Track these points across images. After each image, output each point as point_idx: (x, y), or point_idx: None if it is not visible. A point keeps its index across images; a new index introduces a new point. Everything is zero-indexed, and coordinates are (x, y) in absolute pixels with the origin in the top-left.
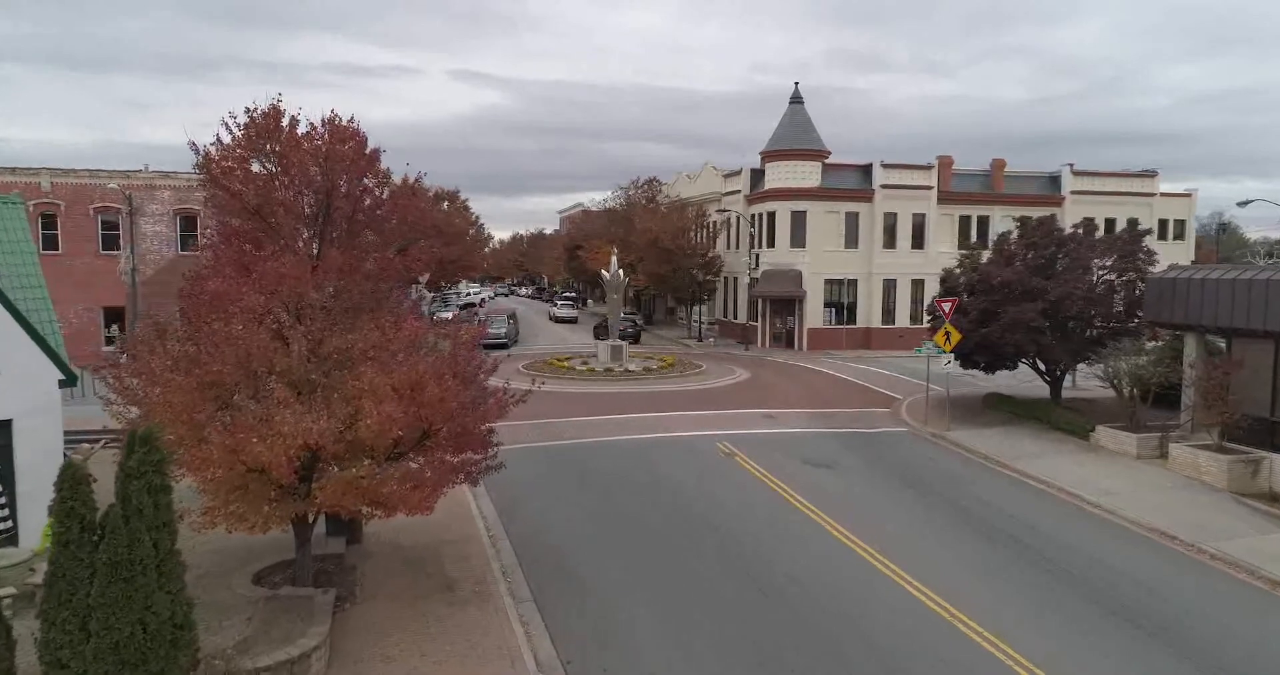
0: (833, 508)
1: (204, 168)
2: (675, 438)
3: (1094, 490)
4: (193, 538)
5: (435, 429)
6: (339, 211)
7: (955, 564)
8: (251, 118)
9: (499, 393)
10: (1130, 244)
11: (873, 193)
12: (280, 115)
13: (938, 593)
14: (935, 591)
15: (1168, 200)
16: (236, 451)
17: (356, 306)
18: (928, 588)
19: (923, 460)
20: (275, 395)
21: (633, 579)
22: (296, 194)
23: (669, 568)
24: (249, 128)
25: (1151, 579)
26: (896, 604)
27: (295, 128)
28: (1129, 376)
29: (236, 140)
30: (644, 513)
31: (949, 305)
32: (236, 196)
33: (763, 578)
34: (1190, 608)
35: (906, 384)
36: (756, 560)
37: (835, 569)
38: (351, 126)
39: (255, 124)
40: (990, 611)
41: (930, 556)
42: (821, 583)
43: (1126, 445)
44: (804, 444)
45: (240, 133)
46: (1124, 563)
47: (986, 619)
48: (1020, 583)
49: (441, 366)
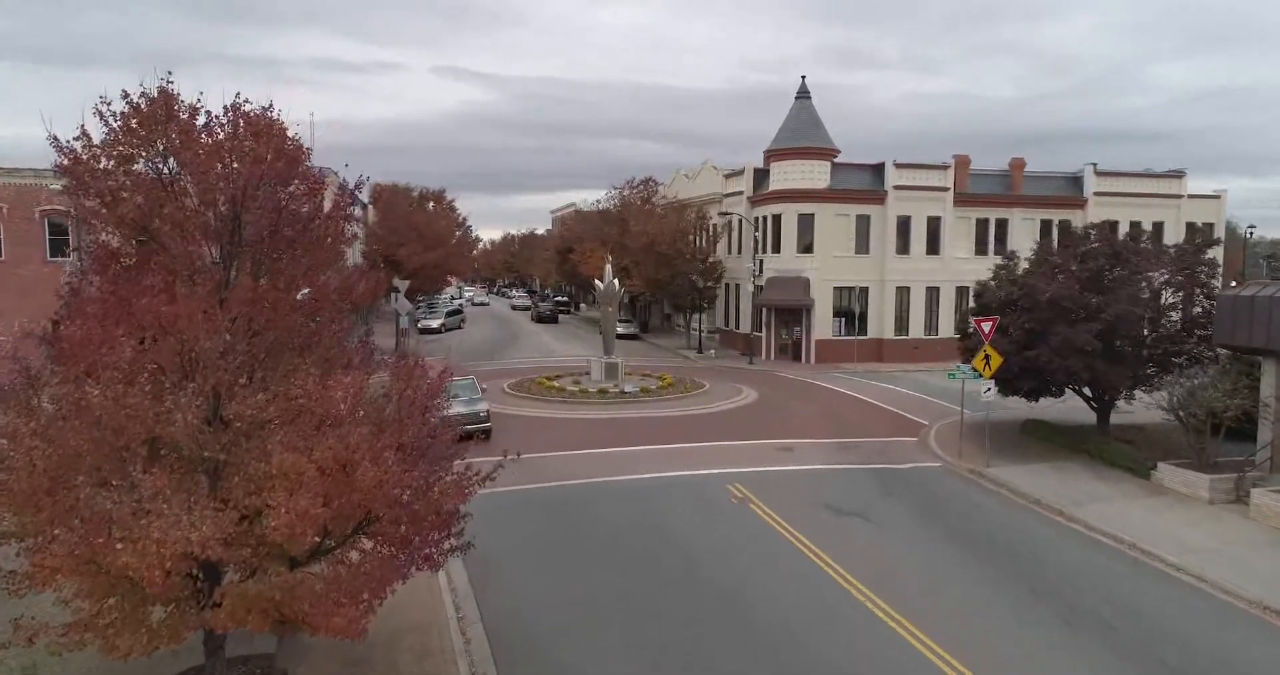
0: (873, 576)
1: (68, 171)
2: (680, 478)
3: (1174, 547)
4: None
5: (374, 515)
6: (253, 228)
7: (1039, 661)
8: (133, 105)
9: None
10: (1194, 255)
11: (885, 194)
12: (173, 101)
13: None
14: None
15: (1195, 202)
16: (93, 560)
17: (279, 346)
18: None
19: (965, 506)
20: (147, 484)
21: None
22: (198, 205)
23: (681, 667)
24: (130, 117)
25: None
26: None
27: (195, 117)
28: (1201, 408)
29: (114, 134)
30: (648, 586)
31: (989, 325)
32: (112, 208)
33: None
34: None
35: (931, 406)
36: (790, 650)
37: (887, 669)
38: (268, 117)
39: (139, 113)
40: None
41: (1003, 651)
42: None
43: (1197, 488)
44: (826, 484)
45: (119, 125)
46: (1243, 656)
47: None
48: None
49: (383, 438)
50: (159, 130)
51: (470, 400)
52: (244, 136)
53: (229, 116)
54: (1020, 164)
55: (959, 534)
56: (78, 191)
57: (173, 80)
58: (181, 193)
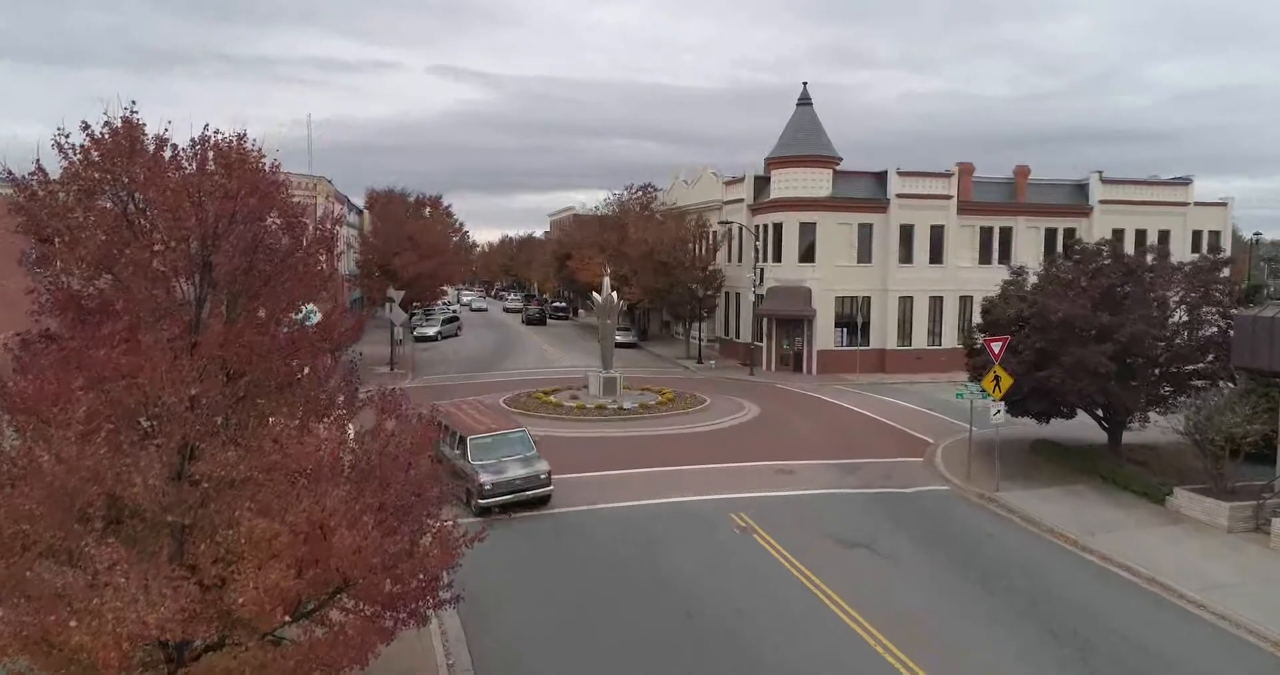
0: (884, 617)
1: (22, 210)
2: (681, 504)
3: (1194, 581)
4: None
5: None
6: (226, 266)
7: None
8: (93, 137)
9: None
10: (1208, 273)
11: (887, 203)
12: (137, 132)
13: None
14: None
15: (1202, 210)
16: (45, 639)
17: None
18: None
19: (976, 535)
20: (103, 555)
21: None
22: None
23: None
24: (90, 150)
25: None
26: None
27: (162, 149)
28: (1219, 434)
29: (74, 167)
30: (650, 628)
31: (999, 345)
32: (71, 247)
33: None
34: None
35: (935, 421)
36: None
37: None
38: (241, 147)
39: (100, 144)
40: None
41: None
42: None
43: (1215, 516)
44: (832, 511)
45: (79, 158)
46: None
47: None
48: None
49: (363, 498)
50: (121, 164)
51: (526, 459)
52: (214, 171)
53: (197, 150)
54: (1024, 172)
55: (971, 567)
56: (32, 230)
57: (137, 110)
58: (146, 231)
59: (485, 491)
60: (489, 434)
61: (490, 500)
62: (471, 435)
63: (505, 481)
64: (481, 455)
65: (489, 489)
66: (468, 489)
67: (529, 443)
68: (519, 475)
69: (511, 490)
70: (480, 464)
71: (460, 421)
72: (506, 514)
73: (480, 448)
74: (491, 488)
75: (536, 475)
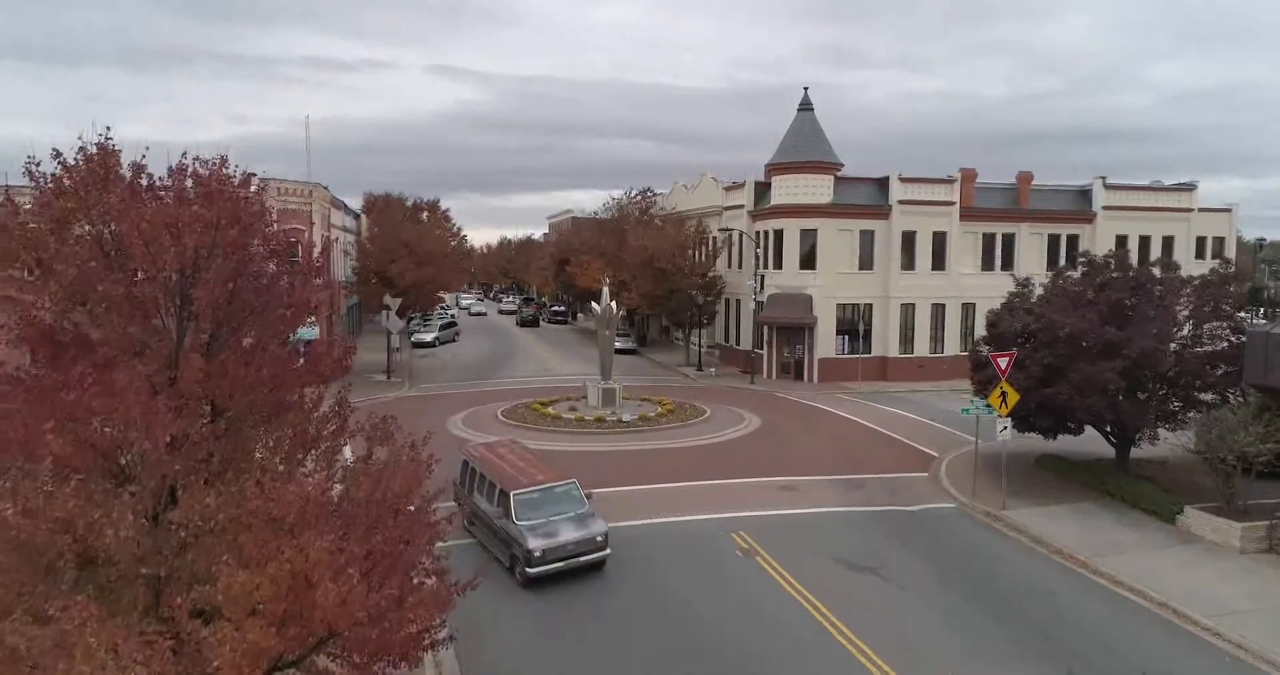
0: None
1: None
2: (681, 525)
3: (1209, 606)
4: None
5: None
6: (206, 298)
7: None
8: (65, 165)
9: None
10: (1219, 287)
11: (889, 209)
12: (112, 159)
13: None
14: None
15: (1205, 216)
16: None
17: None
18: None
19: (985, 557)
20: (72, 613)
21: None
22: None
23: None
24: (63, 178)
25: None
26: None
27: (139, 177)
28: (1231, 453)
29: (45, 196)
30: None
31: (1006, 361)
32: (42, 281)
33: None
34: None
35: (939, 433)
36: None
37: None
38: (221, 175)
39: (73, 172)
40: None
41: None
42: None
43: (1228, 536)
44: (836, 531)
45: (50, 185)
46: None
47: None
48: None
49: (347, 549)
50: (94, 194)
51: (579, 518)
52: (193, 199)
53: (173, 179)
54: (1027, 177)
55: (980, 593)
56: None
57: (111, 136)
58: (122, 263)
59: (534, 559)
60: (535, 487)
61: (541, 569)
62: (515, 490)
63: (558, 547)
64: (528, 514)
65: (539, 557)
66: (512, 554)
67: (580, 496)
68: (573, 539)
69: (564, 556)
70: (527, 525)
71: (498, 470)
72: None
73: (527, 505)
74: (542, 555)
75: (593, 537)
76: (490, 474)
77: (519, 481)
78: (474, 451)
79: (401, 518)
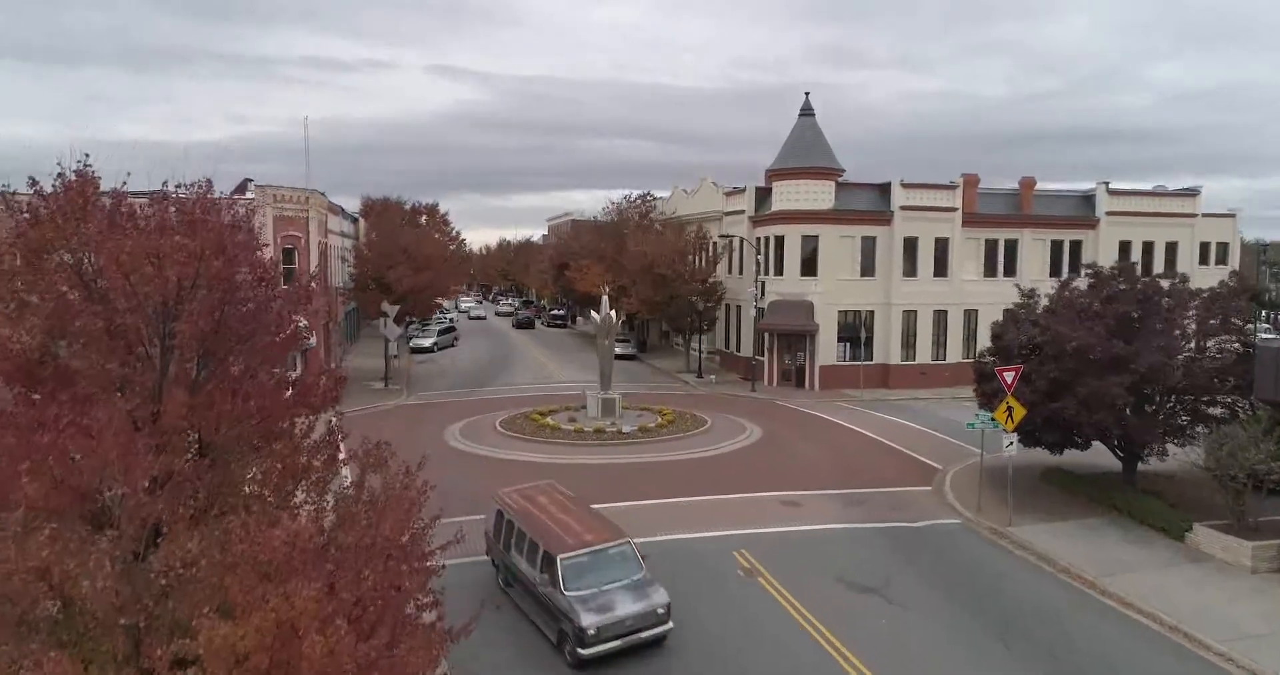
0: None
1: None
2: (681, 543)
3: (1220, 629)
4: None
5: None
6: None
7: None
8: (41, 193)
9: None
10: (1227, 300)
11: (891, 215)
12: (90, 187)
13: None
14: None
15: (1209, 221)
16: None
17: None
18: None
19: (990, 575)
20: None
21: None
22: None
23: None
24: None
25: None
26: None
27: (119, 205)
28: (1242, 470)
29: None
30: None
31: (1012, 375)
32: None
33: None
34: None
35: (942, 444)
36: None
37: None
38: (207, 201)
39: (51, 201)
40: None
41: None
42: None
43: (1238, 555)
44: (839, 549)
45: (25, 216)
46: None
47: None
48: None
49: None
50: (72, 225)
51: (636, 586)
52: (175, 228)
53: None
54: (1030, 183)
55: (987, 614)
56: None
57: (90, 164)
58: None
59: (589, 638)
60: (585, 549)
61: (595, 650)
62: (563, 553)
63: (615, 622)
64: (579, 582)
65: (593, 635)
66: (560, 630)
67: (636, 558)
68: (631, 613)
69: (622, 632)
70: (578, 597)
71: (539, 526)
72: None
73: (576, 571)
74: (597, 633)
75: (654, 610)
76: (530, 530)
77: (565, 542)
78: (509, 501)
79: (393, 562)
